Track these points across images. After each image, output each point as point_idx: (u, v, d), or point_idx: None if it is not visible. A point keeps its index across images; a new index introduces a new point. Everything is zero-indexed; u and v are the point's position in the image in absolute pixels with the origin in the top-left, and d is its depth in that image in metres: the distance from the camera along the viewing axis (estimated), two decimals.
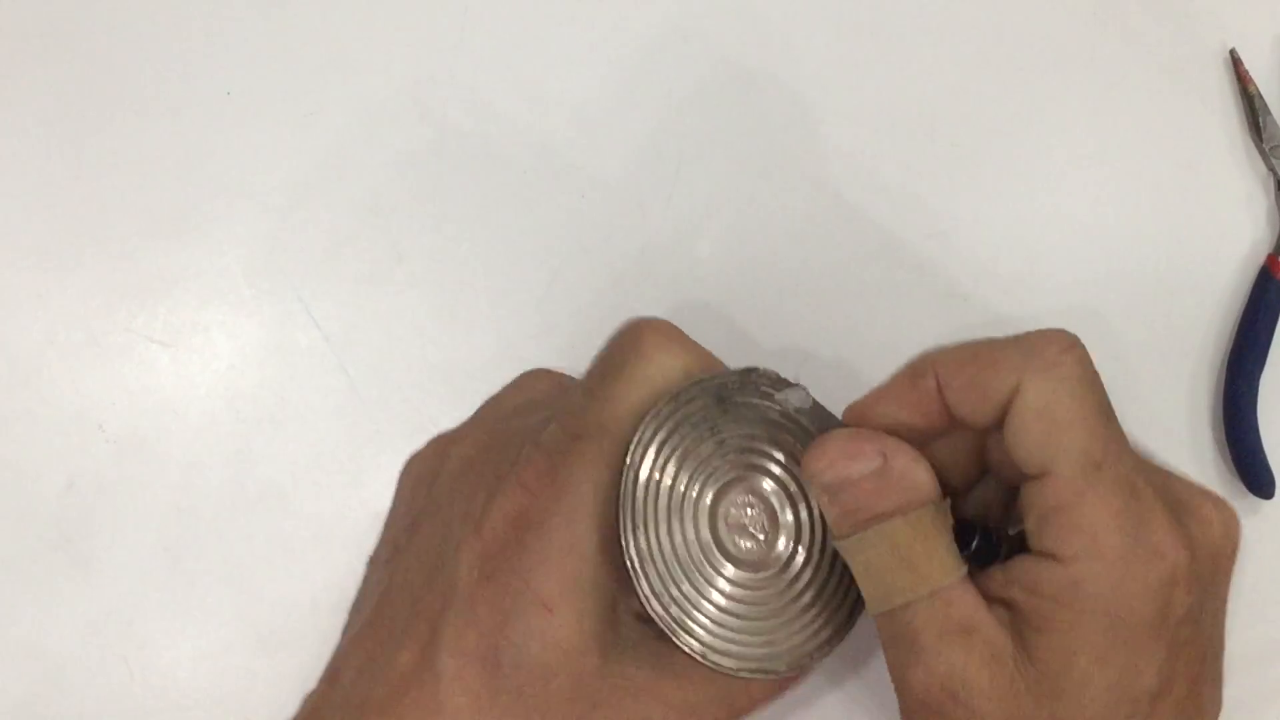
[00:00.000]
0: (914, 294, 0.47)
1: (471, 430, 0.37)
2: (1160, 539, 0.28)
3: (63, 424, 0.44)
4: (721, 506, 0.33)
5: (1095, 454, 0.28)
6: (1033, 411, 0.29)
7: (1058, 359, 0.29)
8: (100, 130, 0.46)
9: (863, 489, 0.30)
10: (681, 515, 0.32)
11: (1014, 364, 0.29)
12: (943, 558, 0.29)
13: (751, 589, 0.32)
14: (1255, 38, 0.50)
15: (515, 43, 0.48)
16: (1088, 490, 0.28)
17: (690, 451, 0.32)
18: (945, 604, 0.29)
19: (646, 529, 0.31)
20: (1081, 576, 0.28)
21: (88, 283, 0.45)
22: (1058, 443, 0.29)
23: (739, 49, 0.48)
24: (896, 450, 0.31)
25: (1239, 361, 0.47)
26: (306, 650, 0.43)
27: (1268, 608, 0.46)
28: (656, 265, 0.46)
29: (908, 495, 0.30)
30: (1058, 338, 0.30)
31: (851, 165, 0.48)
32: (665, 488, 0.32)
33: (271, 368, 0.45)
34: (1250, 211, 0.49)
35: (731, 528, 0.32)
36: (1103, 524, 0.28)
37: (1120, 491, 0.28)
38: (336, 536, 0.44)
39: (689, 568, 0.32)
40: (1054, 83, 0.49)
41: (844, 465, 0.31)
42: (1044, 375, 0.29)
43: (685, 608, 0.31)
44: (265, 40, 0.47)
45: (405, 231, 0.46)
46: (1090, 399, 0.29)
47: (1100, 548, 0.28)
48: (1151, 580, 0.28)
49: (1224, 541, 0.30)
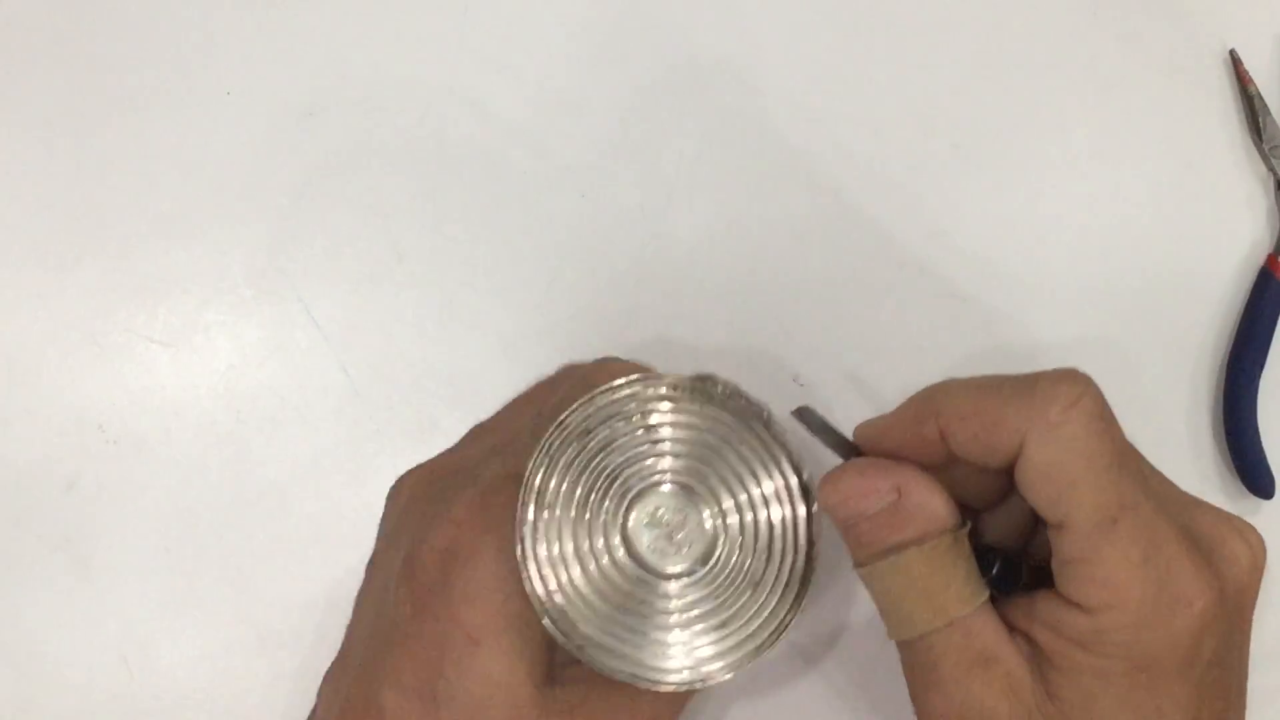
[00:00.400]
0: (914, 294, 0.47)
1: (421, 465, 0.37)
2: (1186, 587, 0.27)
3: (63, 424, 0.44)
4: (641, 507, 0.32)
5: (1109, 508, 0.27)
6: (1039, 473, 0.28)
7: (1061, 419, 0.28)
8: (100, 130, 0.46)
9: (878, 522, 0.30)
10: (590, 506, 0.32)
11: (1017, 423, 0.28)
12: (960, 588, 0.29)
13: (640, 594, 0.32)
14: (1255, 38, 0.50)
15: (516, 43, 0.48)
16: (1104, 545, 0.27)
17: (617, 446, 0.32)
18: (965, 634, 0.29)
19: (551, 509, 0.31)
20: (1105, 626, 0.27)
21: (88, 283, 0.45)
22: (1068, 502, 0.28)
23: (739, 50, 0.48)
24: (911, 483, 0.30)
25: (1239, 361, 0.47)
26: (306, 650, 0.43)
27: (1268, 608, 0.46)
28: (656, 265, 0.46)
29: (924, 526, 0.29)
30: (1063, 392, 0.29)
31: (852, 165, 0.48)
32: (584, 478, 0.32)
33: (271, 368, 0.45)
34: (1250, 211, 0.49)
35: (645, 529, 0.32)
36: (1124, 578, 0.27)
37: (1140, 542, 0.27)
38: (336, 536, 0.44)
39: (586, 557, 0.31)
40: (1054, 83, 0.49)
41: (858, 502, 0.30)
42: (1048, 438, 0.28)
43: (569, 596, 0.31)
44: (265, 40, 0.47)
45: (405, 231, 0.46)
46: (1100, 454, 0.28)
47: (1124, 600, 0.27)
48: (1178, 629, 0.27)
49: (1251, 576, 0.30)
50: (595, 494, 0.32)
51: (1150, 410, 0.47)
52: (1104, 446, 0.28)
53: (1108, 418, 0.29)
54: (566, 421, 0.32)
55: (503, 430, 0.38)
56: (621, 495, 0.32)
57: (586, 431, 0.32)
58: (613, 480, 0.32)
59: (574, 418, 0.32)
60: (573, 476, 0.32)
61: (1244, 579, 0.29)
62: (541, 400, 0.39)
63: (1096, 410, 0.29)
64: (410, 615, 0.31)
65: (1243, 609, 0.30)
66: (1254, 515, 0.47)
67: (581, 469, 0.32)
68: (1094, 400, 0.29)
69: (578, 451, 0.32)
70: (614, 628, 0.31)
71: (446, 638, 0.31)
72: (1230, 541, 0.29)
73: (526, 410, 0.39)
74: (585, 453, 0.32)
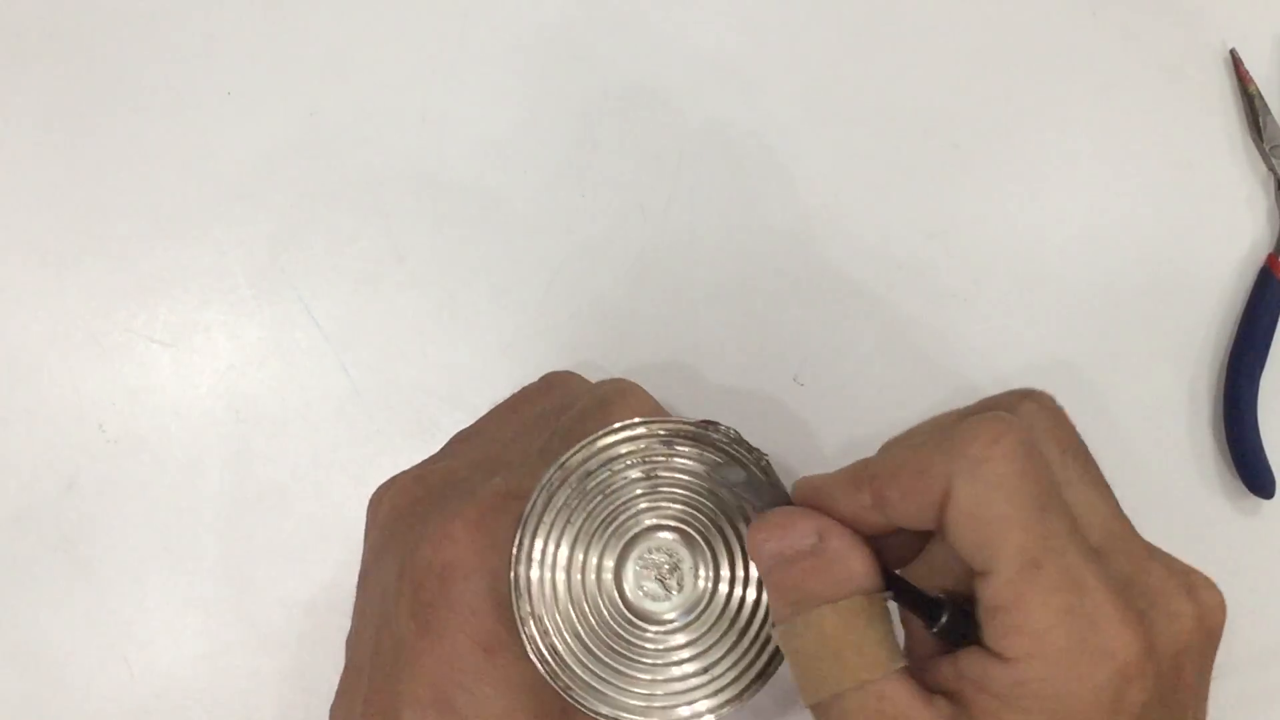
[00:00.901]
0: (914, 294, 0.47)
1: (406, 475, 0.36)
2: (1110, 638, 0.27)
3: (63, 424, 0.44)
4: (636, 550, 0.32)
5: (1033, 552, 0.27)
6: (963, 514, 0.28)
7: (984, 455, 0.27)
8: (100, 130, 0.46)
9: (797, 568, 0.30)
10: (587, 549, 0.32)
11: (942, 467, 0.28)
12: (874, 651, 0.28)
13: (636, 640, 0.32)
14: (1255, 38, 0.50)
15: (516, 43, 0.48)
16: (1027, 591, 0.27)
17: (617, 490, 0.32)
18: (877, 698, 0.28)
19: (544, 552, 0.31)
20: (1026, 677, 0.27)
21: (88, 283, 0.45)
22: (993, 544, 0.27)
23: (739, 50, 0.48)
24: (833, 533, 0.30)
25: (1239, 361, 0.47)
26: (306, 650, 0.43)
27: (1268, 608, 0.46)
28: (656, 265, 0.46)
29: (839, 582, 0.29)
30: (985, 429, 0.28)
31: (852, 165, 0.48)
32: (578, 518, 0.32)
33: (271, 368, 0.45)
34: (1250, 211, 0.49)
35: (639, 574, 0.32)
36: (1045, 624, 0.27)
37: (1063, 589, 0.27)
38: (336, 536, 0.44)
39: (579, 600, 0.32)
40: (1054, 83, 0.49)
41: (779, 538, 0.30)
42: (970, 476, 0.27)
43: (563, 637, 0.31)
44: (265, 40, 0.47)
45: (405, 231, 0.46)
46: (1024, 493, 0.27)
47: (1044, 648, 0.27)
48: (1100, 680, 0.26)
49: (1192, 636, 0.28)
50: (593, 537, 0.32)
51: (1150, 410, 0.47)
52: (1028, 487, 0.28)
53: (1034, 458, 0.28)
54: (568, 463, 0.32)
55: (487, 440, 0.38)
56: (617, 539, 0.32)
57: (587, 474, 0.32)
58: (609, 523, 0.32)
59: (576, 459, 0.32)
60: (571, 517, 0.32)
61: (1183, 638, 0.28)
62: (527, 409, 0.38)
63: (1022, 449, 0.28)
64: (416, 632, 0.31)
65: (1181, 668, 0.28)
66: (1254, 515, 0.47)
67: (579, 510, 0.32)
68: (1019, 439, 0.28)
69: (577, 493, 0.32)
70: (601, 669, 0.31)
71: (458, 652, 0.31)
72: (1174, 599, 0.29)
73: (511, 419, 0.38)
74: (585, 495, 0.32)
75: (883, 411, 0.46)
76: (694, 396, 0.45)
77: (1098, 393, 0.47)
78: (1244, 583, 0.46)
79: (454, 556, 0.31)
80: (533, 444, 0.35)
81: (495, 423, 0.39)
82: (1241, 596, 0.46)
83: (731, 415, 0.46)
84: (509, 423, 0.38)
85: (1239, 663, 0.45)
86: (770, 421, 0.46)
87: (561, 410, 0.36)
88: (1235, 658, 0.45)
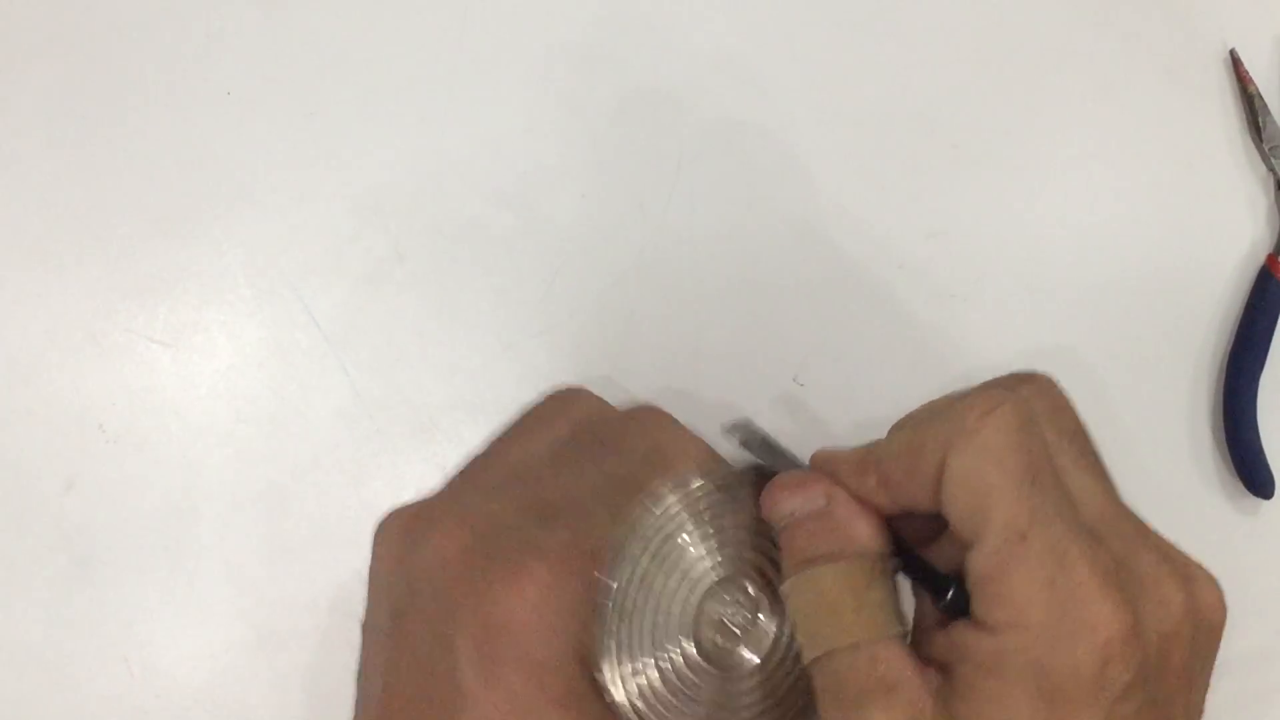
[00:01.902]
0: (914, 294, 0.47)
1: (447, 516, 0.36)
2: (1093, 612, 0.27)
3: (63, 424, 0.44)
4: (711, 601, 0.32)
5: (1020, 524, 0.27)
6: (956, 483, 0.28)
7: (976, 426, 0.28)
8: (100, 130, 0.46)
9: (804, 528, 0.30)
10: (669, 609, 0.32)
11: (938, 441, 0.29)
12: (872, 613, 0.29)
13: (715, 684, 0.32)
14: (1255, 38, 0.50)
15: (515, 43, 0.48)
16: (1012, 561, 0.27)
17: (688, 546, 0.32)
18: (870, 659, 0.29)
19: (630, 619, 0.32)
20: (1007, 647, 0.27)
21: (88, 283, 0.45)
22: (982, 513, 0.28)
23: (739, 49, 0.48)
24: (840, 498, 0.30)
25: (1239, 361, 0.47)
26: (306, 650, 0.43)
27: (1267, 608, 0.46)
28: (656, 265, 0.46)
29: (841, 544, 0.30)
30: (980, 400, 0.29)
31: (852, 165, 0.48)
32: (658, 583, 0.32)
33: (271, 368, 0.45)
34: (1250, 211, 0.49)
35: (715, 623, 0.32)
36: (1027, 596, 0.27)
37: (1047, 562, 0.27)
38: (336, 536, 0.44)
39: (662, 658, 0.32)
40: (1054, 83, 0.49)
41: (788, 498, 0.31)
42: (963, 446, 0.28)
43: (649, 698, 0.31)
44: (265, 40, 0.47)
45: (405, 231, 0.46)
46: (1014, 464, 0.28)
47: (1025, 619, 0.27)
48: (1080, 654, 0.27)
49: (1182, 624, 0.29)
50: (669, 595, 0.32)
51: (1150, 410, 0.47)
52: (1020, 459, 0.28)
53: (1029, 430, 0.28)
54: (640, 524, 0.32)
55: (516, 471, 0.37)
56: (693, 594, 0.32)
57: (658, 529, 0.32)
58: (683, 579, 0.32)
59: (647, 520, 0.32)
60: (644, 578, 0.32)
61: (1171, 625, 0.28)
62: (547, 433, 0.37)
63: (1016, 421, 0.28)
64: (481, 686, 0.31)
65: (1168, 654, 0.28)
66: (1254, 515, 0.47)
67: (654, 570, 0.32)
68: (1014, 410, 0.28)
69: (650, 554, 0.32)
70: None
71: (530, 707, 0.31)
72: (1164, 584, 0.29)
73: (531, 446, 0.37)
74: (657, 556, 0.32)
75: (883, 411, 0.46)
76: (694, 397, 0.46)
77: (1097, 392, 0.47)
78: (1243, 583, 0.46)
79: (525, 616, 0.31)
80: (579, 484, 0.34)
81: (515, 449, 0.38)
82: (1240, 596, 0.46)
83: (732, 415, 0.46)
84: (530, 450, 0.37)
85: (1238, 663, 0.45)
86: (770, 422, 0.46)
87: (600, 444, 0.35)
88: (1234, 658, 0.45)
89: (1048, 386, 0.32)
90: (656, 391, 0.45)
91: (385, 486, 0.43)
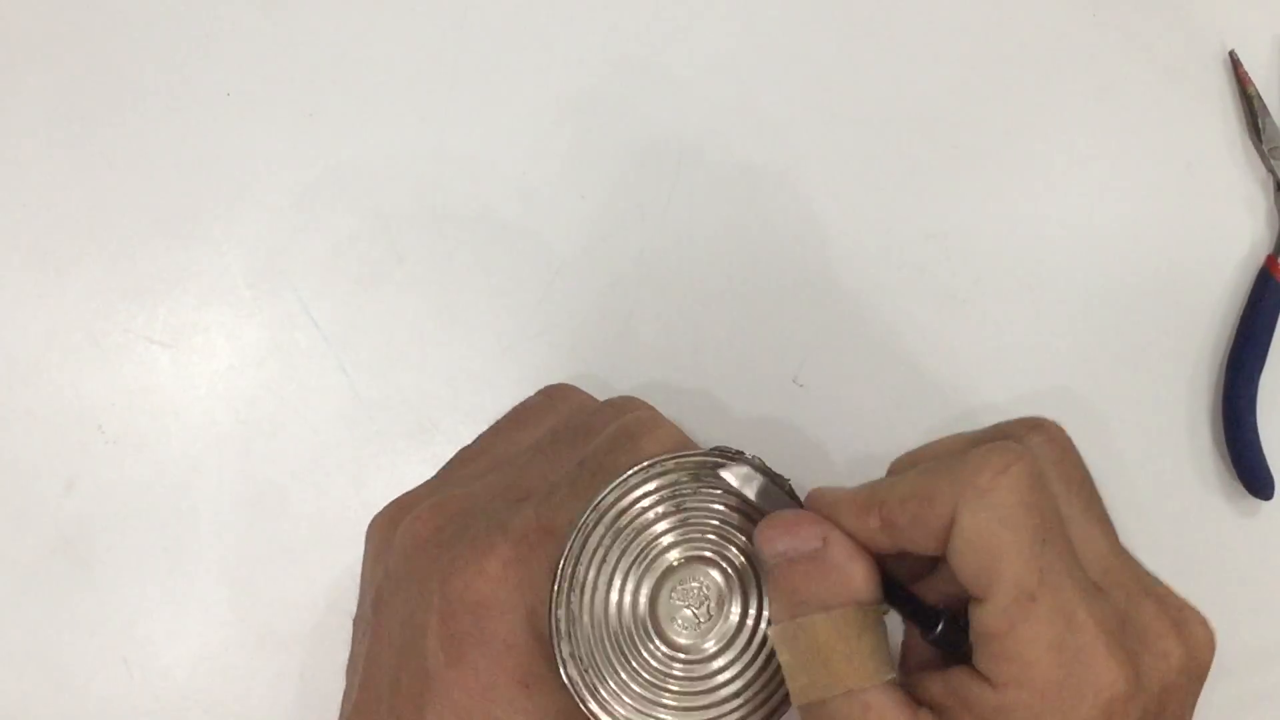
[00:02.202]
0: (914, 294, 0.47)
1: (423, 502, 0.36)
2: (1097, 673, 0.27)
3: (63, 424, 0.44)
4: (669, 584, 0.33)
5: (1029, 585, 0.28)
6: (966, 542, 0.28)
7: (990, 485, 0.28)
8: (100, 130, 0.46)
9: (799, 570, 0.30)
10: (623, 585, 0.32)
11: (949, 494, 0.29)
12: (864, 661, 0.29)
13: (674, 671, 0.32)
14: (1255, 38, 0.50)
15: (515, 43, 0.48)
16: (1020, 621, 0.27)
17: (648, 525, 0.32)
18: (863, 707, 0.29)
19: (582, 593, 0.32)
20: (1011, 705, 0.27)
21: (88, 283, 0.45)
22: (991, 572, 0.28)
23: (738, 50, 0.48)
24: (836, 540, 0.30)
25: (1239, 361, 0.47)
26: (306, 650, 0.43)
27: (1266, 609, 0.46)
28: (656, 266, 0.46)
29: (836, 590, 0.30)
30: (994, 460, 0.29)
31: (852, 165, 0.48)
32: (613, 556, 0.32)
33: (271, 368, 0.45)
34: (1250, 212, 0.49)
35: (673, 607, 0.33)
36: (1034, 656, 0.27)
37: (1055, 623, 0.27)
38: (336, 536, 0.44)
39: (617, 637, 0.32)
40: (1054, 83, 0.49)
41: (782, 538, 0.31)
42: (976, 505, 0.28)
43: (602, 676, 0.31)
44: (265, 40, 0.47)
45: (405, 231, 0.46)
46: (1026, 525, 0.28)
47: (1031, 678, 0.27)
48: (1084, 713, 0.27)
49: (1179, 676, 0.29)
50: (628, 574, 0.32)
51: (1150, 410, 0.47)
52: (1031, 519, 0.28)
53: (1039, 490, 0.29)
54: (602, 502, 0.32)
55: (498, 460, 0.38)
56: (652, 574, 0.33)
57: (621, 511, 0.32)
58: (644, 559, 0.33)
59: (609, 498, 0.32)
60: (606, 556, 0.32)
61: (1170, 678, 0.29)
62: (533, 427, 0.38)
63: (1028, 481, 0.29)
64: (447, 664, 0.31)
65: (1165, 705, 0.29)
66: (1253, 515, 0.47)
67: (614, 548, 0.32)
68: (1027, 470, 0.29)
69: (612, 532, 0.32)
70: (640, 703, 0.32)
71: (492, 686, 0.31)
72: (1165, 638, 0.29)
73: (517, 438, 0.38)
74: (619, 533, 0.32)
75: (882, 412, 0.46)
76: (694, 397, 0.46)
77: (1097, 393, 0.47)
78: (1242, 584, 0.46)
79: (489, 591, 0.31)
80: (554, 470, 0.35)
81: (501, 441, 0.39)
82: (1240, 597, 0.46)
83: (731, 416, 0.46)
84: (515, 441, 0.38)
85: (1237, 664, 0.45)
86: (770, 423, 0.46)
87: (577, 433, 0.36)
88: (1233, 659, 0.46)
89: (1056, 434, 0.32)
90: (656, 392, 0.45)
91: (385, 487, 0.43)
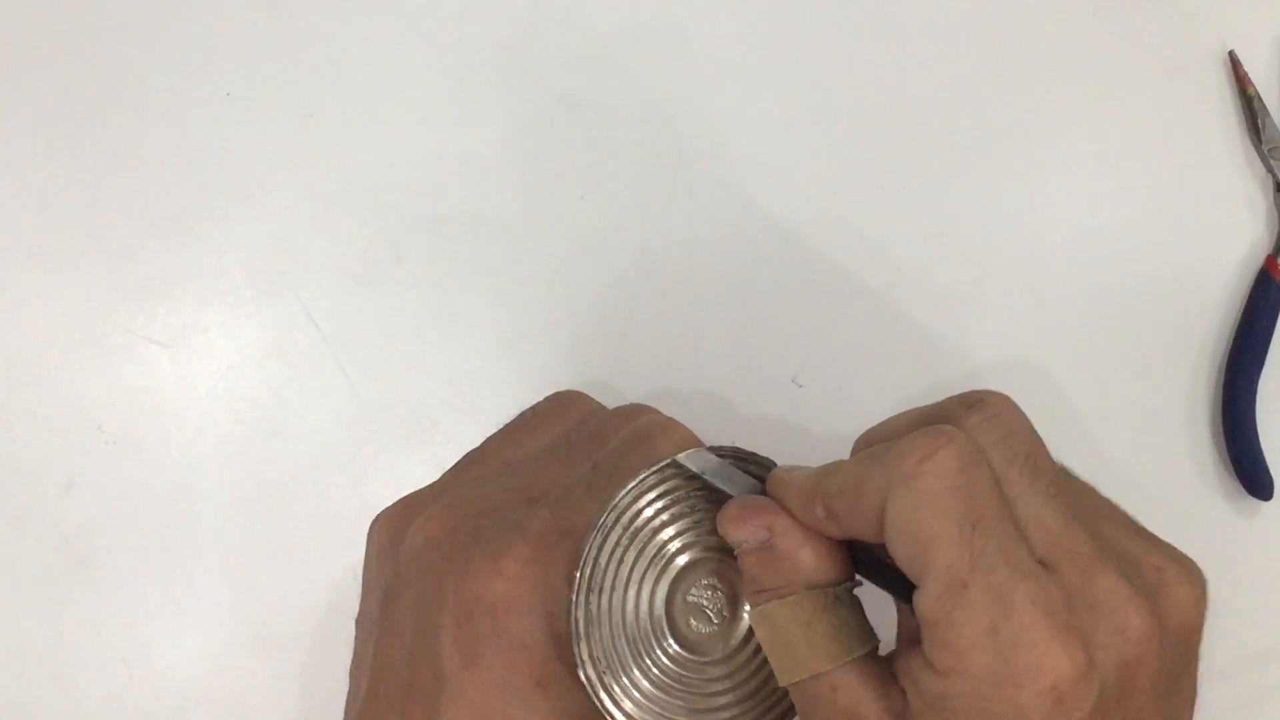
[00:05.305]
0: (914, 294, 0.47)
1: (435, 503, 0.36)
2: (1037, 657, 0.26)
3: (63, 424, 0.44)
4: (684, 584, 0.33)
5: (960, 571, 0.27)
6: (897, 531, 0.28)
7: (915, 471, 0.27)
8: (100, 130, 0.46)
9: (753, 559, 0.31)
10: (640, 586, 0.32)
11: (880, 483, 0.28)
12: (825, 644, 0.29)
13: (689, 671, 0.32)
14: (1255, 38, 0.50)
15: (515, 43, 0.48)
16: (954, 609, 0.27)
17: (664, 525, 0.33)
18: (831, 688, 0.29)
19: (600, 594, 0.32)
20: (951, 692, 0.27)
21: (88, 283, 0.45)
22: (922, 560, 0.27)
23: (739, 50, 0.48)
24: (781, 528, 0.30)
25: (1239, 362, 0.47)
26: (306, 650, 0.43)
27: (1265, 609, 0.47)
28: (656, 266, 0.46)
29: (785, 577, 0.30)
30: (920, 446, 0.28)
31: (851, 165, 0.48)
32: (630, 557, 0.32)
33: (271, 368, 0.45)
34: (1250, 212, 0.49)
35: (688, 607, 0.33)
36: (970, 642, 0.27)
37: (990, 609, 0.27)
38: (336, 536, 0.44)
39: (634, 638, 0.32)
40: (1054, 83, 0.49)
41: (735, 529, 0.31)
42: (903, 491, 0.28)
43: (619, 676, 0.31)
44: (265, 40, 0.47)
45: (405, 232, 0.46)
46: (954, 509, 0.27)
47: (967, 666, 0.27)
48: (1025, 699, 0.26)
49: (1143, 647, 0.28)
50: (644, 575, 0.32)
51: (1150, 411, 0.47)
52: (960, 504, 0.27)
53: (971, 471, 0.28)
54: (619, 503, 0.32)
55: (508, 464, 0.37)
56: (667, 576, 0.33)
57: (636, 513, 0.32)
58: (659, 560, 0.33)
59: (626, 499, 0.32)
60: (624, 557, 0.32)
61: (1130, 651, 0.28)
62: (543, 431, 0.38)
63: (956, 464, 0.28)
64: (462, 665, 0.31)
65: (1130, 681, 0.28)
66: (1253, 516, 0.47)
67: (631, 549, 0.32)
68: (955, 453, 0.28)
69: (629, 534, 0.32)
70: (657, 704, 0.32)
71: (508, 686, 0.31)
72: (1121, 610, 0.28)
73: (526, 442, 0.38)
74: (635, 534, 0.32)
75: (882, 412, 0.46)
76: (694, 397, 0.46)
77: (1096, 393, 0.47)
78: (1242, 584, 0.46)
79: (506, 592, 0.31)
80: (567, 473, 0.35)
81: (510, 444, 0.38)
82: (1239, 598, 0.46)
83: (731, 416, 0.46)
84: (525, 445, 0.38)
85: (1238, 663, 0.45)
86: (769, 422, 0.46)
87: (589, 438, 0.36)
88: (1233, 658, 0.46)
89: (1000, 409, 0.31)
90: (656, 392, 0.45)
91: (384, 487, 0.43)
